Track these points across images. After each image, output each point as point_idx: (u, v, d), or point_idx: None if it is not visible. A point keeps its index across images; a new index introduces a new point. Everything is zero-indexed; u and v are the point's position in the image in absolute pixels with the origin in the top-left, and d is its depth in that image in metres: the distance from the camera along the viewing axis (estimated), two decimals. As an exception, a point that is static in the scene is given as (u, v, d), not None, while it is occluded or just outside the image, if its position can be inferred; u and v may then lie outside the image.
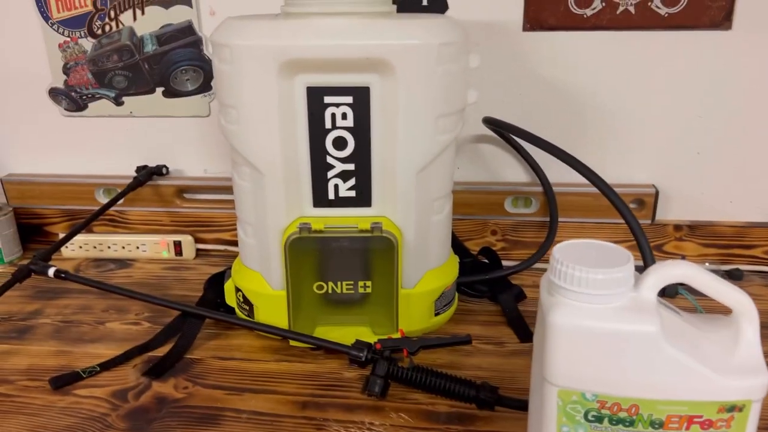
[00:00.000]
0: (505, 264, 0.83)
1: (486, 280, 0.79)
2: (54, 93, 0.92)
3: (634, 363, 0.40)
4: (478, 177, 0.88)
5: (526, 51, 0.82)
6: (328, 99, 0.62)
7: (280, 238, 0.66)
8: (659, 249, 0.86)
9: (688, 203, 0.86)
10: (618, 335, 0.39)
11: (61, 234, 0.96)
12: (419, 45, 0.60)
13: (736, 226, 0.85)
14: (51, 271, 0.73)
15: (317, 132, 0.63)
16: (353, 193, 0.66)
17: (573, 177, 0.79)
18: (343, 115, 0.63)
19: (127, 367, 0.68)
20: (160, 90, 0.90)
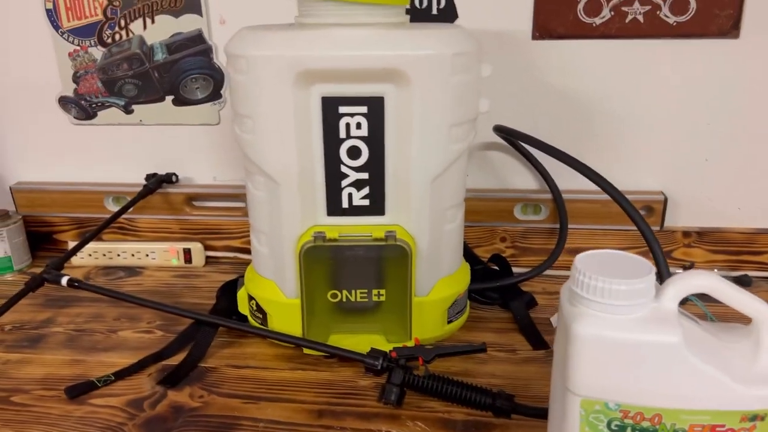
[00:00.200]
0: (515, 271, 0.84)
1: (497, 287, 0.79)
2: (64, 101, 0.93)
3: (656, 373, 0.40)
4: (487, 184, 0.88)
5: (534, 59, 0.82)
6: (342, 109, 0.63)
7: (294, 246, 0.67)
8: (668, 255, 0.87)
9: (696, 210, 0.86)
10: (641, 345, 0.40)
11: (70, 242, 0.97)
12: (434, 55, 0.60)
13: (744, 232, 0.85)
14: (64, 280, 0.73)
15: (332, 141, 0.64)
16: (367, 202, 0.67)
17: (581, 184, 0.80)
18: (358, 125, 0.63)
19: (142, 376, 0.68)
20: (169, 98, 0.90)
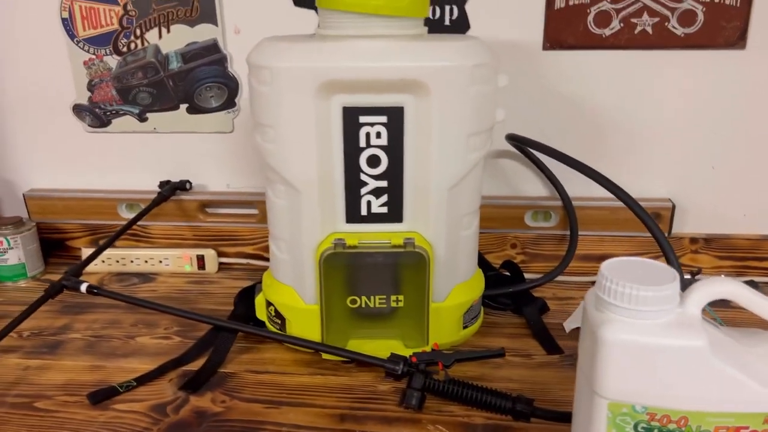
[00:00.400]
0: (525, 277, 0.85)
1: (510, 293, 0.80)
2: (78, 109, 0.93)
3: (682, 376, 0.41)
4: (499, 191, 0.90)
5: (545, 69, 0.84)
6: (363, 119, 0.64)
7: (314, 253, 0.68)
8: (675, 261, 0.88)
9: (703, 217, 0.88)
10: (668, 350, 0.41)
11: (84, 248, 0.98)
12: (454, 67, 0.62)
13: (750, 238, 0.87)
14: (83, 287, 0.73)
15: (352, 150, 0.65)
16: (385, 210, 0.68)
17: (591, 191, 0.81)
18: (378, 134, 0.64)
19: (163, 382, 0.69)
20: (184, 106, 0.92)
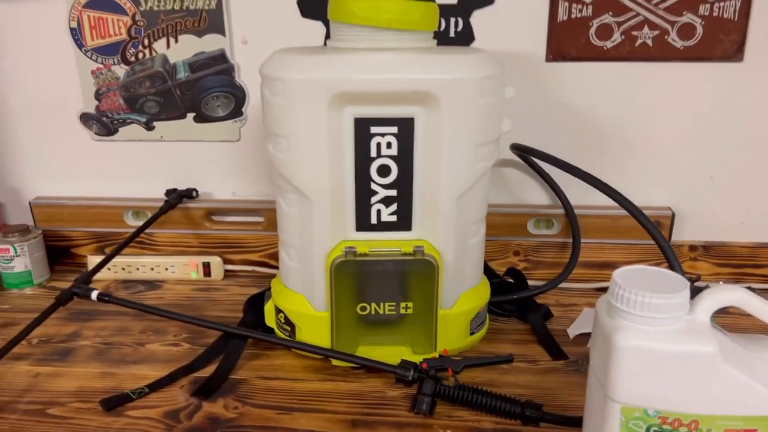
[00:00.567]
0: (529, 284, 0.87)
1: (515, 300, 0.82)
2: (85, 118, 0.94)
3: (693, 381, 0.43)
4: (501, 199, 0.91)
5: (548, 80, 0.86)
6: (374, 129, 0.65)
7: (324, 261, 0.69)
8: (675, 268, 0.90)
9: (702, 225, 0.90)
10: (680, 356, 0.43)
11: (89, 256, 0.98)
12: (464, 79, 0.63)
13: (748, 246, 0.89)
14: (94, 295, 0.74)
15: (363, 160, 0.66)
16: (395, 218, 0.69)
17: (592, 200, 0.83)
18: (388, 144, 0.66)
19: (174, 388, 0.69)
20: (191, 115, 0.93)
